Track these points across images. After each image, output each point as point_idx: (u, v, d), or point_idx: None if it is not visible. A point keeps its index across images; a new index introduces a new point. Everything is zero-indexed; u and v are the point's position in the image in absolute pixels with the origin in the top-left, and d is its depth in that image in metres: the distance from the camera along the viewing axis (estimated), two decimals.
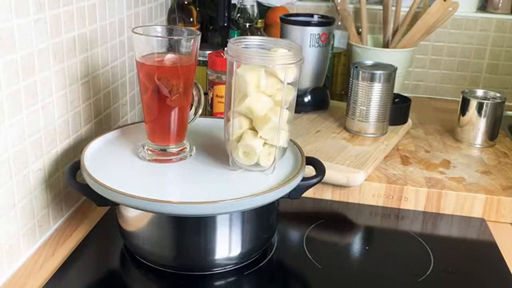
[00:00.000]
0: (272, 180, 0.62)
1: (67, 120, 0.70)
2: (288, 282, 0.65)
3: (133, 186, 0.57)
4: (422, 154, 0.92)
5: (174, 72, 0.63)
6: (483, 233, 0.75)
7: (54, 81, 0.65)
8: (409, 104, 1.02)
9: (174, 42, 0.63)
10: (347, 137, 0.94)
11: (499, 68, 1.27)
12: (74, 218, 0.73)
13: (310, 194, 0.81)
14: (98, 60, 0.77)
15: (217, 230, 0.60)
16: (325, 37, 1.01)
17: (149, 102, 0.65)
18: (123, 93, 0.88)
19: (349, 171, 0.80)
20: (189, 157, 0.67)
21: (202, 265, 0.62)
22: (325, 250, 0.69)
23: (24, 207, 0.62)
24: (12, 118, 0.58)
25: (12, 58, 0.57)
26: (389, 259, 0.69)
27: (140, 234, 0.62)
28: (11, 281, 0.60)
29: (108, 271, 0.64)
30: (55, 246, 0.67)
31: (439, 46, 1.27)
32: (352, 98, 0.94)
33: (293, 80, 0.61)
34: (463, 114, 0.96)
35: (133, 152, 0.68)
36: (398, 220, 0.78)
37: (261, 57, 0.60)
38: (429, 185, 0.80)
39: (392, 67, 0.93)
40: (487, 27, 1.24)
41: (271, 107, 0.61)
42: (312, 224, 0.74)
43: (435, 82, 1.31)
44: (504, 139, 0.99)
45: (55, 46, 0.65)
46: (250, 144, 0.61)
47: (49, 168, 0.67)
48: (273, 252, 0.67)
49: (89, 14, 0.73)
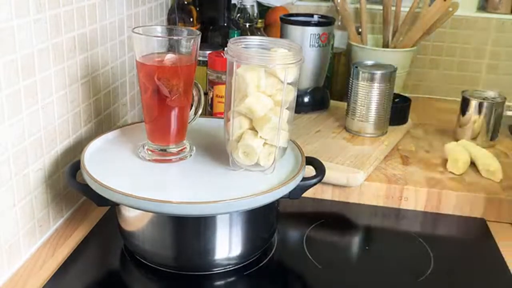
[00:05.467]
0: (272, 180, 0.62)
1: (67, 120, 0.70)
2: (288, 282, 0.65)
3: (133, 186, 0.57)
4: (422, 154, 0.92)
5: (174, 72, 0.63)
6: (483, 233, 0.75)
7: (54, 81, 0.65)
8: (409, 104, 1.02)
9: (174, 42, 0.63)
10: (347, 137, 0.94)
11: (499, 68, 1.27)
12: (74, 218, 0.73)
13: (310, 194, 0.81)
14: (98, 60, 0.77)
15: (217, 230, 0.60)
16: (325, 37, 1.01)
17: (149, 102, 0.65)
18: (123, 93, 0.88)
19: (349, 171, 0.80)
20: (189, 157, 0.67)
21: (202, 265, 0.62)
22: (325, 250, 0.69)
23: (24, 207, 0.62)
24: (12, 118, 0.58)
25: (12, 58, 0.57)
26: (389, 259, 0.69)
27: (140, 234, 0.62)
28: (11, 281, 0.60)
29: (108, 271, 0.64)
30: (55, 246, 0.67)
31: (439, 46, 1.27)
32: (352, 98, 0.94)
33: (293, 80, 0.61)
34: (463, 114, 0.96)
35: (133, 152, 0.68)
36: (398, 220, 0.78)
37: (261, 57, 0.60)
38: (429, 185, 0.80)
39: (392, 67, 0.93)
40: (487, 27, 1.24)
41: (271, 107, 0.61)
42: (312, 224, 0.74)
43: (435, 82, 1.30)
44: (504, 139, 0.99)
45: (55, 46, 0.65)
46: (250, 144, 0.61)
47: (49, 168, 0.67)
48: (273, 252, 0.67)
49: (89, 14, 0.73)
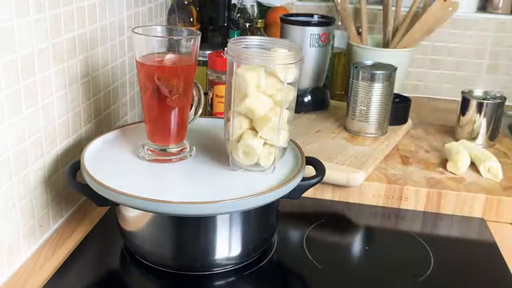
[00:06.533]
0: (272, 180, 0.62)
1: (67, 120, 0.70)
2: (288, 282, 0.65)
3: (133, 186, 0.57)
4: (422, 154, 0.92)
5: (174, 72, 0.63)
6: (483, 233, 0.75)
7: (54, 81, 0.65)
8: (409, 104, 1.02)
9: (174, 42, 0.63)
10: (347, 137, 0.94)
11: (499, 68, 1.27)
12: (74, 218, 0.73)
13: (310, 194, 0.81)
14: (98, 60, 0.77)
15: (217, 230, 0.60)
16: (325, 37, 1.01)
17: (149, 102, 0.65)
18: (123, 93, 0.88)
19: (349, 171, 0.80)
20: (189, 157, 0.67)
21: (202, 265, 0.62)
22: (325, 250, 0.69)
23: (24, 207, 0.62)
24: (12, 118, 0.58)
25: (12, 58, 0.57)
26: (389, 259, 0.69)
27: (140, 234, 0.62)
28: (11, 281, 0.60)
29: (108, 271, 0.64)
30: (55, 246, 0.67)
31: (439, 46, 1.27)
32: (352, 98, 0.94)
33: (293, 80, 0.61)
34: (463, 114, 0.96)
35: (133, 152, 0.68)
36: (398, 220, 0.78)
37: (261, 57, 0.60)
38: (429, 185, 0.80)
39: (392, 67, 0.93)
40: (487, 27, 1.24)
41: (271, 107, 0.61)
42: (312, 224, 0.74)
43: (435, 82, 1.30)
44: (504, 139, 0.99)
45: (55, 46, 0.65)
46: (250, 144, 0.61)
47: (49, 168, 0.67)
48: (273, 252, 0.67)
49: (89, 14, 0.73)
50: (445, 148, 0.89)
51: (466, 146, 0.88)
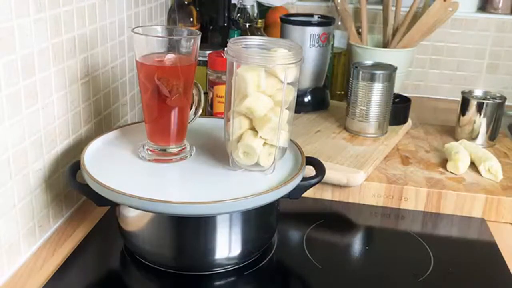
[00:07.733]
0: (272, 180, 0.62)
1: (67, 120, 0.70)
2: (288, 282, 0.65)
3: (133, 186, 0.57)
4: (422, 154, 0.92)
5: (174, 72, 0.63)
6: (483, 233, 0.75)
7: (54, 81, 0.65)
8: (409, 104, 1.02)
9: (174, 42, 0.63)
10: (347, 137, 0.94)
11: (499, 68, 1.27)
12: (74, 218, 0.73)
13: (310, 194, 0.81)
14: (98, 60, 0.77)
15: (217, 230, 0.60)
16: (325, 37, 1.01)
17: (149, 102, 0.65)
18: (123, 93, 0.88)
19: (349, 171, 0.80)
20: (189, 157, 0.67)
21: (202, 265, 0.62)
22: (325, 250, 0.69)
23: (24, 207, 0.62)
24: (12, 118, 0.58)
25: (12, 58, 0.57)
26: (389, 259, 0.69)
27: (140, 234, 0.62)
28: (11, 281, 0.60)
29: (108, 271, 0.64)
30: (55, 246, 0.67)
31: (439, 46, 1.27)
32: (352, 98, 0.94)
33: (293, 80, 0.61)
34: (463, 114, 0.96)
35: (133, 152, 0.68)
36: (398, 220, 0.78)
37: (261, 57, 0.60)
38: (429, 185, 0.80)
39: (392, 67, 0.93)
40: (487, 27, 1.24)
41: (271, 107, 0.61)
42: (312, 224, 0.74)
43: (435, 82, 1.30)
44: (504, 139, 0.99)
45: (55, 46, 0.65)
46: (250, 144, 0.61)
47: (49, 168, 0.67)
48: (273, 252, 0.67)
49: (89, 14, 0.73)
50: (445, 148, 0.89)
51: (466, 146, 0.88)
